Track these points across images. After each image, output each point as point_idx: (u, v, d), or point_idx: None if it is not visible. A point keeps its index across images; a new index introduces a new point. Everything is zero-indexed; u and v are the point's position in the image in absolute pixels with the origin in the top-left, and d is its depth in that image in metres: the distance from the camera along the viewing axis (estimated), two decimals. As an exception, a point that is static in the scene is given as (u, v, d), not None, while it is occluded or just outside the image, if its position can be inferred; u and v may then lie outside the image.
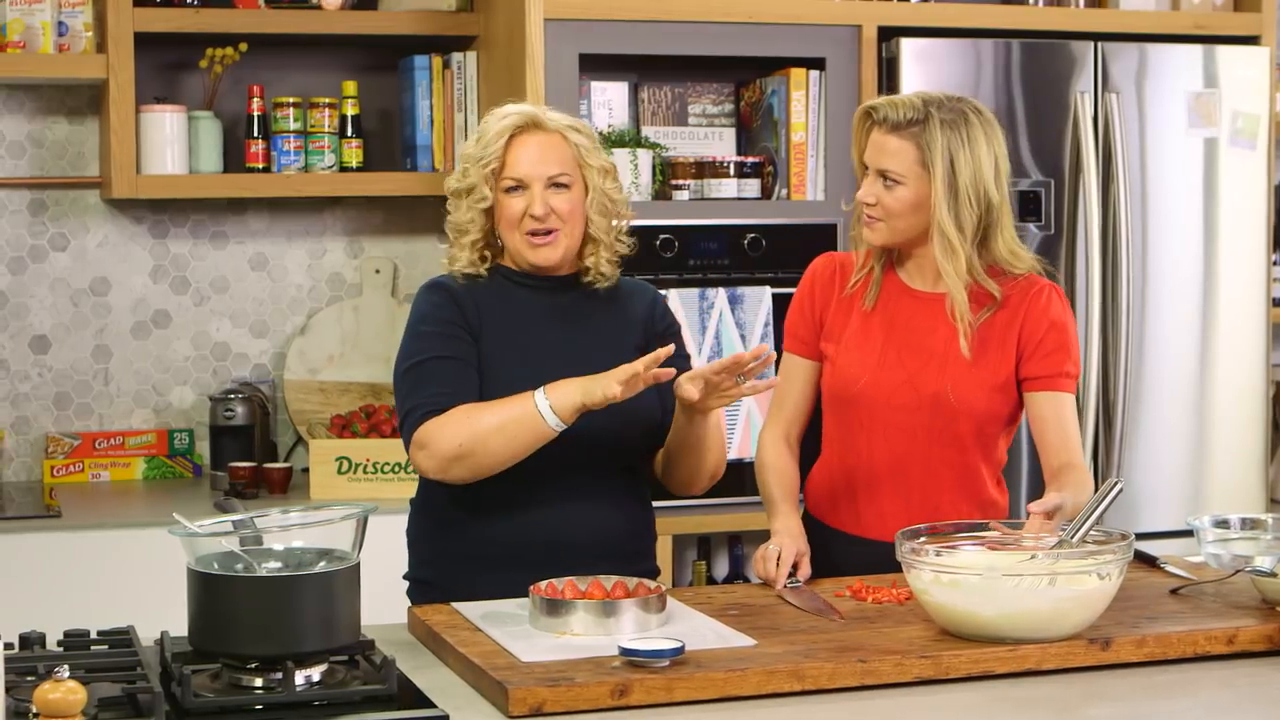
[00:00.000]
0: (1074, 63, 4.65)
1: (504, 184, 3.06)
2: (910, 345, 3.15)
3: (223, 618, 2.44)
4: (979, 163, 3.06)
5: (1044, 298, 3.15)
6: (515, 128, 3.06)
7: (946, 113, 3.07)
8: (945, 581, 2.60)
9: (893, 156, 3.07)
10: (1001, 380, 3.13)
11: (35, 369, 4.76)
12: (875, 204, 3.10)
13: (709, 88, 4.77)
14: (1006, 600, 2.56)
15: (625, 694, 2.39)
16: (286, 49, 4.79)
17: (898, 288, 3.19)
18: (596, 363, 3.03)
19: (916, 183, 3.06)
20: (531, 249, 3.07)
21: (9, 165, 4.72)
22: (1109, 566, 2.63)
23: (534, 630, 2.69)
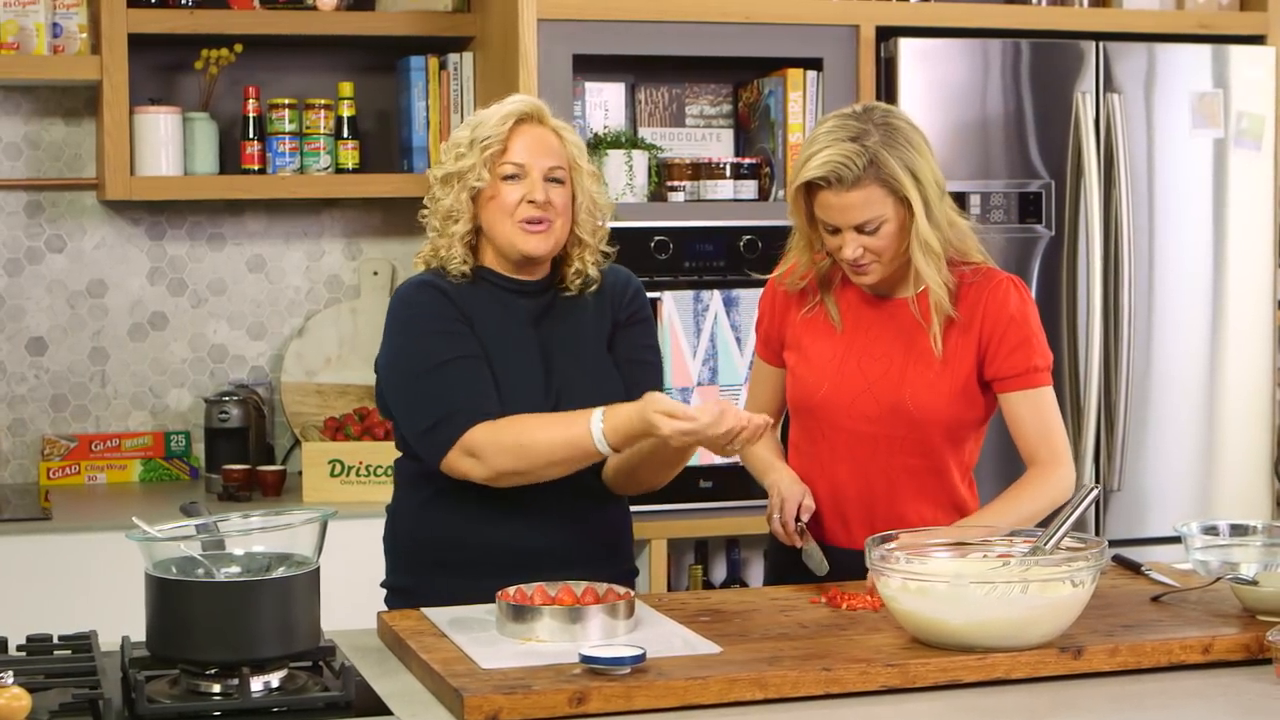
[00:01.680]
0: (1076, 63, 4.61)
1: (502, 170, 3.01)
2: (870, 353, 3.11)
3: (179, 623, 2.42)
4: (927, 157, 3.01)
5: (1000, 292, 3.08)
6: (520, 115, 3.03)
7: (877, 134, 2.98)
8: (913, 589, 2.57)
9: (863, 207, 2.98)
10: (961, 384, 3.08)
11: (32, 371, 4.75)
12: (862, 253, 3.02)
13: (706, 89, 4.74)
14: (975, 608, 2.52)
15: (583, 702, 2.36)
16: (283, 50, 4.77)
17: (859, 298, 3.15)
18: (573, 368, 3.02)
19: (894, 213, 3.00)
20: (524, 236, 3.01)
21: (5, 167, 4.72)
22: (1083, 574, 2.58)
23: (500, 636, 2.65)
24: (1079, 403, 4.62)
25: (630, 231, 4.38)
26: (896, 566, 2.60)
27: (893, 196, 2.98)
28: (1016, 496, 3.05)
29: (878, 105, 3.09)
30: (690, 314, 4.37)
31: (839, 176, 2.97)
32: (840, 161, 2.96)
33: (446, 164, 3.07)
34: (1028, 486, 3.05)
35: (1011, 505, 3.03)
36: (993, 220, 4.54)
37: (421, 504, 3.08)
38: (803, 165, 3.01)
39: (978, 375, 3.08)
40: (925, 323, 3.07)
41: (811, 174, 2.99)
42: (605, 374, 3.09)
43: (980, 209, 4.53)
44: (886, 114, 3.03)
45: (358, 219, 4.92)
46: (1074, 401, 4.63)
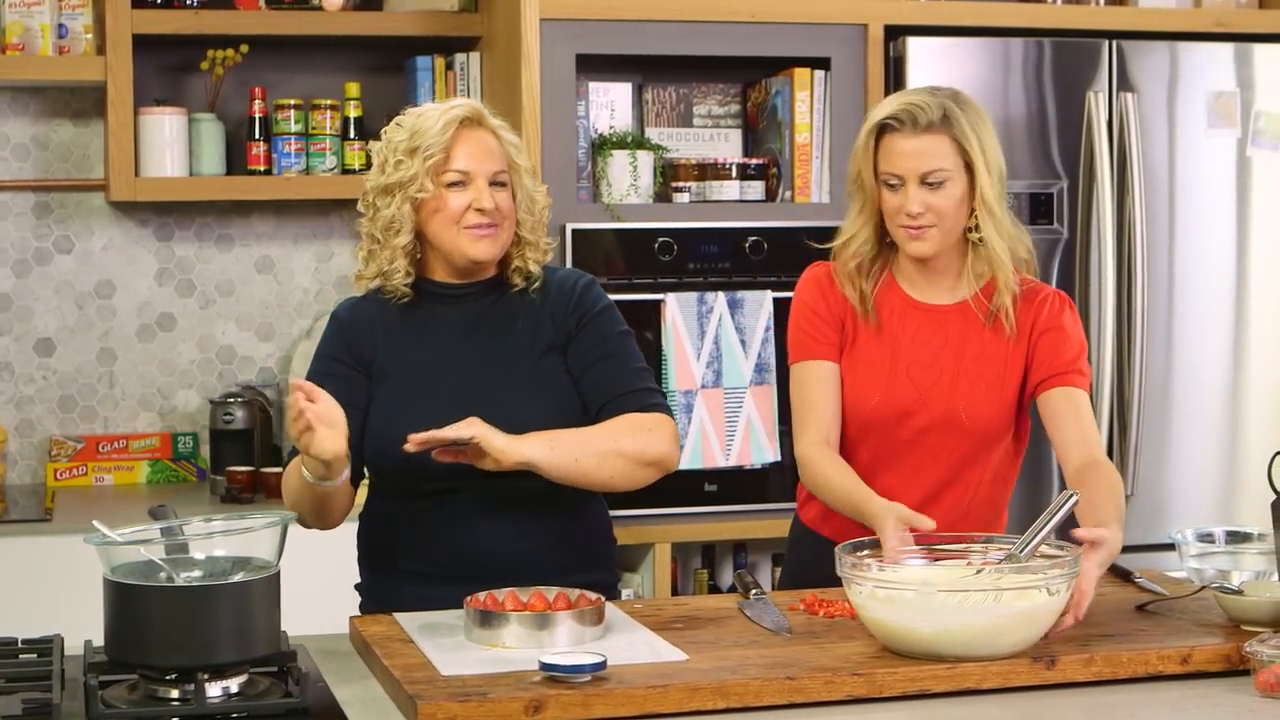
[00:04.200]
0: (1089, 62, 4.55)
1: (446, 178, 2.96)
2: (920, 361, 3.07)
3: (136, 628, 2.39)
4: (995, 140, 3.05)
5: (1049, 306, 3.08)
6: (461, 119, 2.97)
7: (956, 101, 3.02)
8: (881, 597, 2.52)
9: (934, 156, 2.98)
10: (1012, 394, 3.07)
11: (40, 372, 4.75)
12: (924, 211, 3.00)
13: (714, 88, 4.70)
14: (944, 616, 2.47)
15: (540, 710, 2.32)
16: (290, 50, 4.76)
17: (903, 302, 3.11)
18: (505, 372, 2.99)
19: (959, 175, 3.00)
20: (472, 242, 2.96)
21: (14, 168, 4.72)
22: (1058, 583, 2.53)
23: (467, 642, 2.62)
24: (1093, 406, 4.54)
25: (634, 232, 4.35)
26: (867, 574, 2.55)
27: (960, 157, 2.99)
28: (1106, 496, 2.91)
29: (957, 91, 3.09)
30: (694, 316, 4.33)
31: (913, 118, 2.99)
32: (916, 103, 3.00)
33: (385, 174, 2.99)
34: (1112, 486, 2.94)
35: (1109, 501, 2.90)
36: (1003, 221, 4.49)
37: (390, 509, 3.05)
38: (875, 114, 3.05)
39: (1024, 385, 3.07)
40: (983, 315, 3.05)
41: (885, 112, 3.02)
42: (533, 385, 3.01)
43: (990, 210, 4.48)
44: (959, 93, 3.07)
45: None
46: (1086, 405, 4.57)
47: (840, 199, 4.47)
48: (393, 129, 3.03)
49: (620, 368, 3.03)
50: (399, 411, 2.97)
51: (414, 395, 2.99)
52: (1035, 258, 3.15)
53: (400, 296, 3.03)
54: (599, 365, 3.02)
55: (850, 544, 2.66)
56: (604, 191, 4.42)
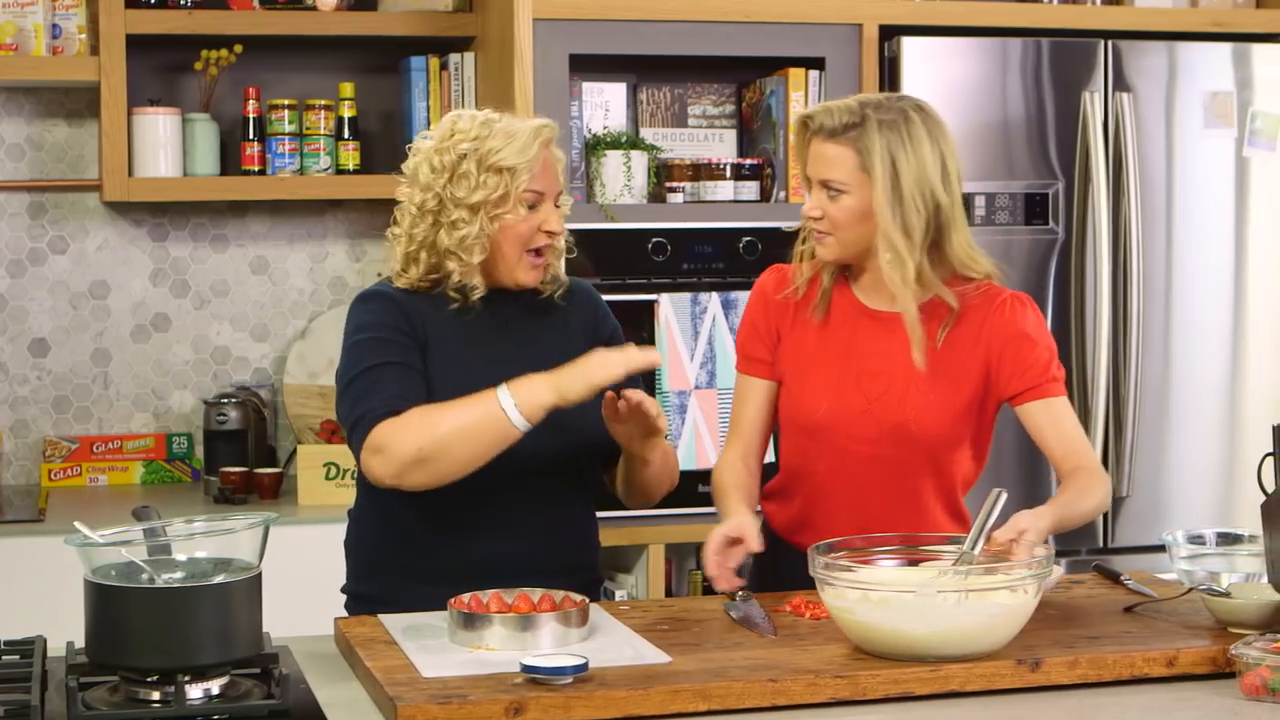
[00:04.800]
0: (1085, 62, 4.53)
1: (525, 198, 2.92)
2: (869, 370, 3.01)
3: (116, 629, 2.39)
4: (923, 163, 2.90)
5: (1006, 310, 2.99)
6: (549, 139, 2.95)
7: (885, 113, 2.92)
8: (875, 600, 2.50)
9: (832, 165, 2.93)
10: (964, 403, 3.00)
11: (34, 372, 4.75)
12: (821, 217, 2.96)
13: (709, 89, 4.69)
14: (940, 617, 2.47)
15: (521, 712, 2.32)
16: (285, 51, 4.75)
17: (854, 307, 3.05)
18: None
19: (860, 190, 2.92)
20: (528, 269, 2.96)
21: (8, 168, 4.72)
22: (1026, 582, 2.53)
23: (450, 644, 2.61)
24: (1087, 406, 4.55)
25: (628, 233, 4.34)
26: (855, 578, 2.54)
27: (862, 171, 2.91)
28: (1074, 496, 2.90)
29: (925, 105, 3.00)
30: (688, 316, 4.33)
31: (820, 123, 2.94)
32: (832, 108, 2.95)
33: (462, 187, 2.90)
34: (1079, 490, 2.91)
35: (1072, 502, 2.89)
36: (998, 222, 4.48)
37: (382, 510, 3.04)
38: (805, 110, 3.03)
39: (983, 394, 3.01)
40: (930, 336, 2.98)
41: (806, 111, 3.00)
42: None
43: (985, 210, 4.47)
44: (918, 109, 2.96)
45: (361, 220, 4.89)
46: (1081, 405, 4.55)
47: (835, 199, 4.47)
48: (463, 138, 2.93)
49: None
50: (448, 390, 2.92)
51: (463, 377, 2.93)
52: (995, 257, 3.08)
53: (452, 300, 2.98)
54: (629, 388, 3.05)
55: (824, 545, 2.65)
56: (598, 192, 4.41)
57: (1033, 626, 2.67)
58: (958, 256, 2.97)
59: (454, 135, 2.95)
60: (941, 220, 2.94)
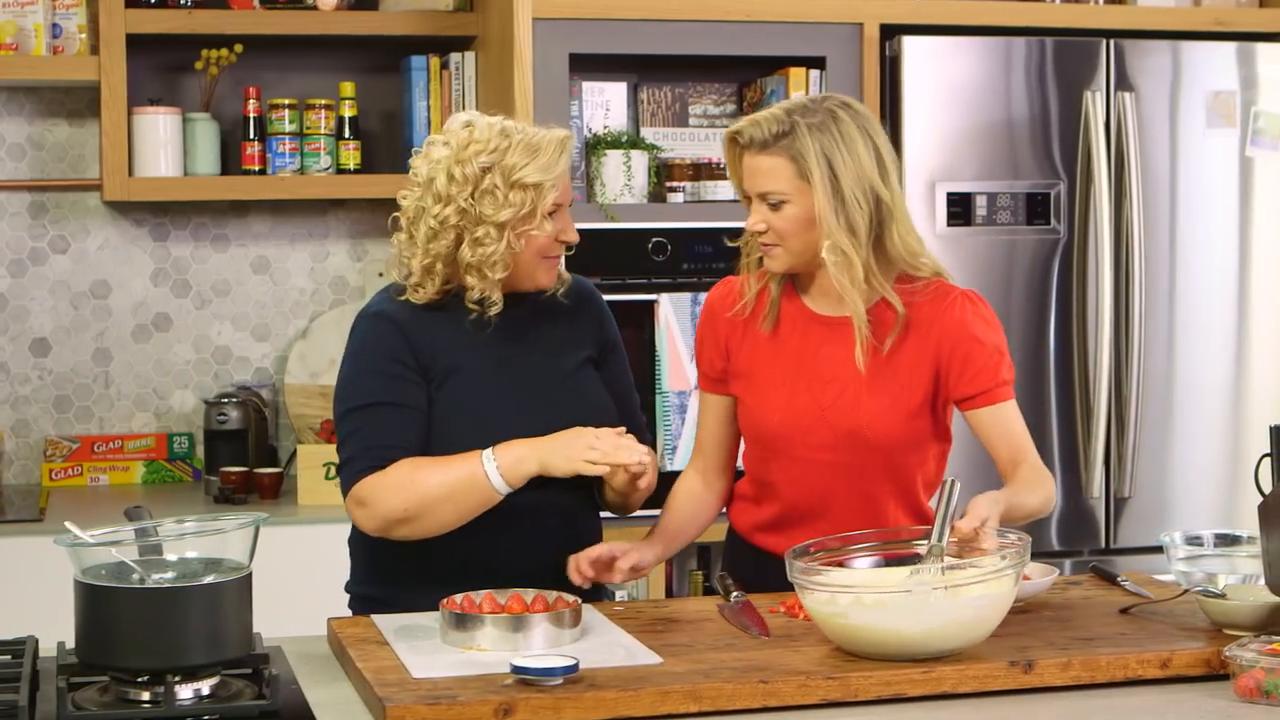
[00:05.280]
0: (1086, 61, 4.52)
1: (548, 207, 2.91)
2: (821, 377, 2.97)
3: (106, 630, 2.38)
4: (859, 159, 2.87)
5: (955, 310, 2.94)
6: (569, 150, 2.93)
7: (812, 116, 2.87)
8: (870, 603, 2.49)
9: (768, 176, 2.89)
10: (918, 404, 2.96)
11: (35, 372, 4.75)
12: (766, 230, 2.92)
13: (710, 88, 4.69)
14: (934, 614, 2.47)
15: (510, 713, 2.31)
16: (285, 50, 4.75)
17: (803, 315, 3.01)
18: (556, 375, 2.99)
19: (800, 197, 2.87)
20: (547, 274, 2.97)
21: (9, 168, 4.72)
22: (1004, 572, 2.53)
23: (442, 645, 2.61)
24: (1089, 406, 4.54)
25: (628, 232, 4.34)
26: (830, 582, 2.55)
27: (800, 178, 2.87)
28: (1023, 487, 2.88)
29: (850, 101, 2.96)
30: (688, 316, 4.32)
31: (750, 137, 2.89)
32: (758, 120, 2.90)
33: (498, 206, 2.86)
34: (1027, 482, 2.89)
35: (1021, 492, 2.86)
36: (1000, 222, 4.47)
37: None
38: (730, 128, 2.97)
39: (934, 394, 2.97)
40: (878, 340, 2.94)
41: (732, 127, 2.94)
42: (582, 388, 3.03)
43: (986, 210, 4.46)
44: (844, 107, 2.92)
45: (363, 220, 4.89)
46: (1083, 405, 4.55)
47: (835, 199, 4.46)
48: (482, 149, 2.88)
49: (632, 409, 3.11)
50: (463, 413, 2.93)
51: (478, 398, 2.94)
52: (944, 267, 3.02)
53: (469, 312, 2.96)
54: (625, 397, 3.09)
55: (800, 549, 2.65)
56: (598, 191, 4.40)
57: (1027, 627, 2.68)
58: (899, 252, 2.92)
59: (471, 145, 2.89)
60: (883, 215, 2.90)
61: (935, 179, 4.46)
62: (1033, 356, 4.54)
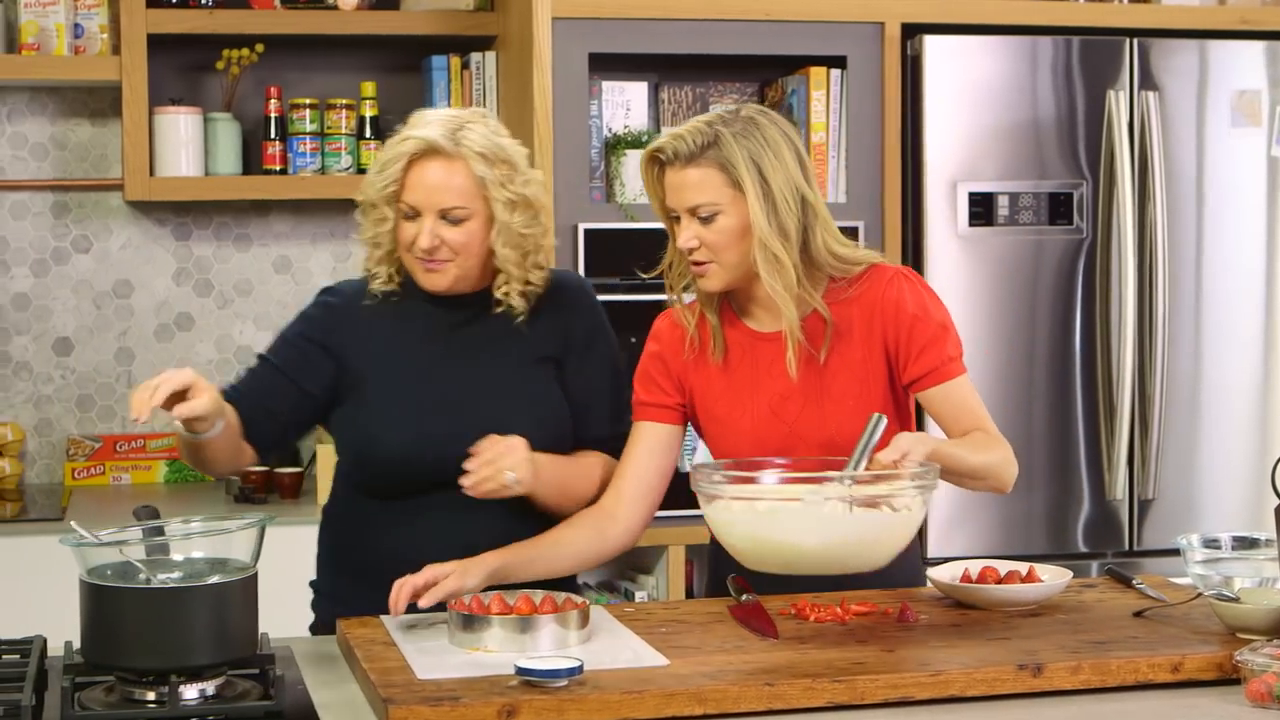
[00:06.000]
0: (1110, 60, 4.49)
1: (401, 208, 2.92)
2: (779, 394, 2.93)
3: (110, 630, 2.38)
4: (785, 163, 2.83)
5: (891, 290, 2.90)
6: (416, 153, 2.89)
7: (733, 125, 2.83)
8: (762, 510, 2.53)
9: (697, 188, 2.83)
10: (881, 397, 2.92)
11: (58, 371, 4.76)
12: (699, 246, 2.86)
13: (731, 88, 4.67)
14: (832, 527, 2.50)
15: (513, 715, 2.30)
16: (307, 50, 4.75)
17: (748, 337, 2.97)
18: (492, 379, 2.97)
19: (733, 206, 2.83)
20: (423, 274, 2.94)
21: (32, 167, 4.73)
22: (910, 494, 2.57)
23: (450, 646, 2.60)
24: (1112, 407, 4.51)
25: (647, 232, 4.30)
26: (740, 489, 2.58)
27: (732, 189, 2.82)
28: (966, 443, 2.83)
29: (764, 108, 2.93)
30: (708, 317, 4.30)
31: (675, 150, 2.84)
32: (681, 133, 2.85)
33: (360, 192, 3.01)
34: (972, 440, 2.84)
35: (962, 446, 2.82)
36: (1022, 222, 4.44)
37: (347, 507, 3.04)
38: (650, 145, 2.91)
39: (892, 381, 2.93)
40: (814, 348, 2.91)
41: (653, 145, 2.88)
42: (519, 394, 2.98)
43: (1008, 210, 4.44)
44: (761, 113, 2.88)
45: (385, 220, 4.88)
46: (1107, 406, 4.52)
47: (858, 199, 4.45)
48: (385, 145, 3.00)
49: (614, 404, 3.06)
50: (387, 412, 2.95)
51: (402, 396, 2.96)
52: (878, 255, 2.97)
53: (392, 294, 3.01)
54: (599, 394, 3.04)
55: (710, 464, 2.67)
56: (617, 191, 4.39)
57: (1038, 630, 2.66)
58: (824, 256, 2.88)
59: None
60: (809, 218, 2.87)
61: (957, 179, 4.43)
62: (1057, 357, 4.51)
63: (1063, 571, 2.90)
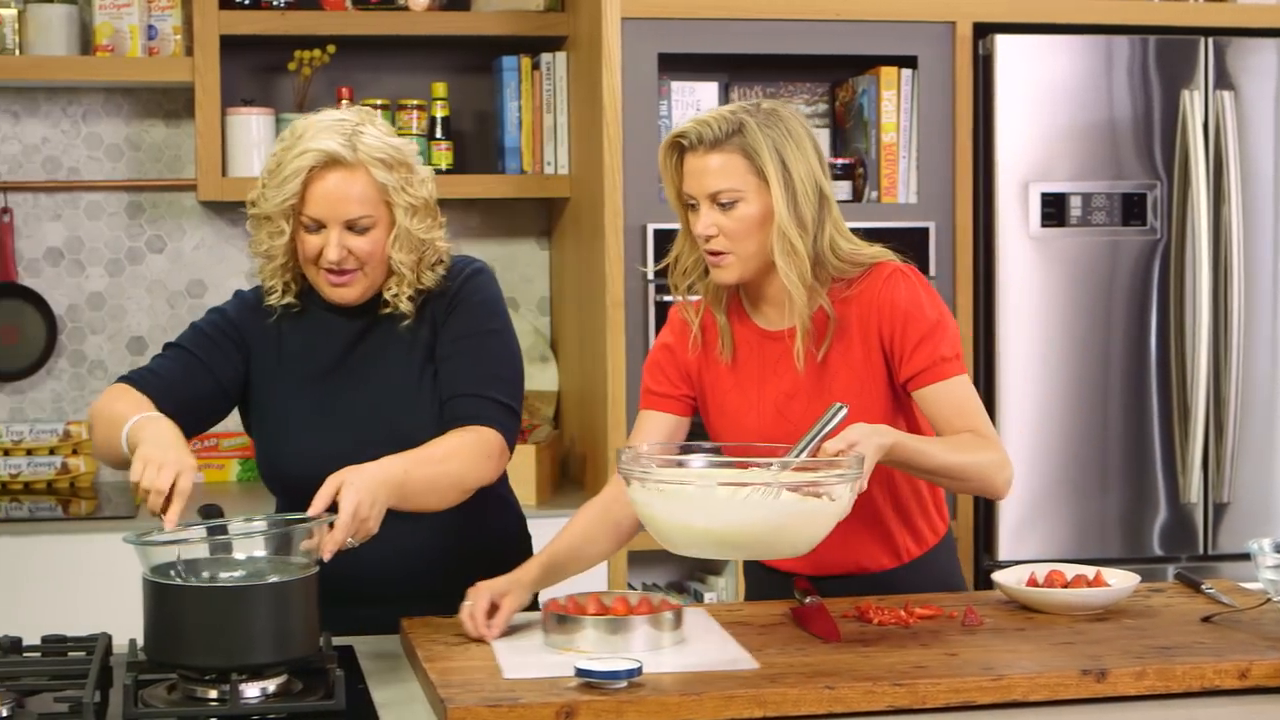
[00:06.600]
0: (1184, 60, 4.45)
1: (302, 221, 2.86)
2: (785, 393, 2.91)
3: (172, 628, 2.40)
4: (806, 154, 2.82)
5: (888, 288, 2.87)
6: (314, 165, 2.82)
7: (757, 114, 2.82)
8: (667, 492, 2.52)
9: (720, 174, 2.81)
10: (884, 396, 2.90)
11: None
12: (717, 234, 2.83)
13: (801, 88, 4.66)
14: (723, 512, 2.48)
15: (571, 716, 2.30)
16: (378, 50, 4.77)
17: (756, 335, 2.95)
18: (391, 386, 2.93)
19: (756, 194, 2.81)
20: (330, 288, 2.89)
21: (107, 168, 4.77)
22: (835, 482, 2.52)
23: (544, 646, 2.61)
24: (1186, 409, 4.47)
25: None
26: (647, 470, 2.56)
27: (755, 176, 2.81)
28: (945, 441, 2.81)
29: (782, 102, 2.94)
30: (777, 317, 4.29)
31: (700, 135, 2.82)
32: (706, 120, 2.83)
33: (251, 205, 2.92)
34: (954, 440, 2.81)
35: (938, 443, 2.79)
36: (1095, 223, 4.41)
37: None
38: (672, 131, 2.89)
39: (891, 377, 2.90)
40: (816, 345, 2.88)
41: (677, 130, 2.86)
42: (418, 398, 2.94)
43: (1081, 211, 4.40)
44: (782, 105, 2.88)
45: (456, 220, 4.87)
46: (1181, 408, 4.48)
47: (928, 200, 4.43)
48: (276, 145, 2.91)
49: (468, 367, 2.93)
50: (289, 427, 2.94)
51: (304, 410, 2.94)
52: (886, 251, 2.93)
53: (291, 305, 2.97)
54: (450, 361, 2.93)
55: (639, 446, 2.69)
56: (686, 192, 4.38)
57: (1103, 635, 2.63)
58: (827, 254, 2.85)
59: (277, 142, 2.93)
60: (824, 212, 2.85)
61: (1029, 180, 4.40)
62: (1132, 359, 4.47)
63: (1130, 576, 2.87)
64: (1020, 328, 4.43)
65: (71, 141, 4.76)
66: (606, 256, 4.25)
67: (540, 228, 4.97)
